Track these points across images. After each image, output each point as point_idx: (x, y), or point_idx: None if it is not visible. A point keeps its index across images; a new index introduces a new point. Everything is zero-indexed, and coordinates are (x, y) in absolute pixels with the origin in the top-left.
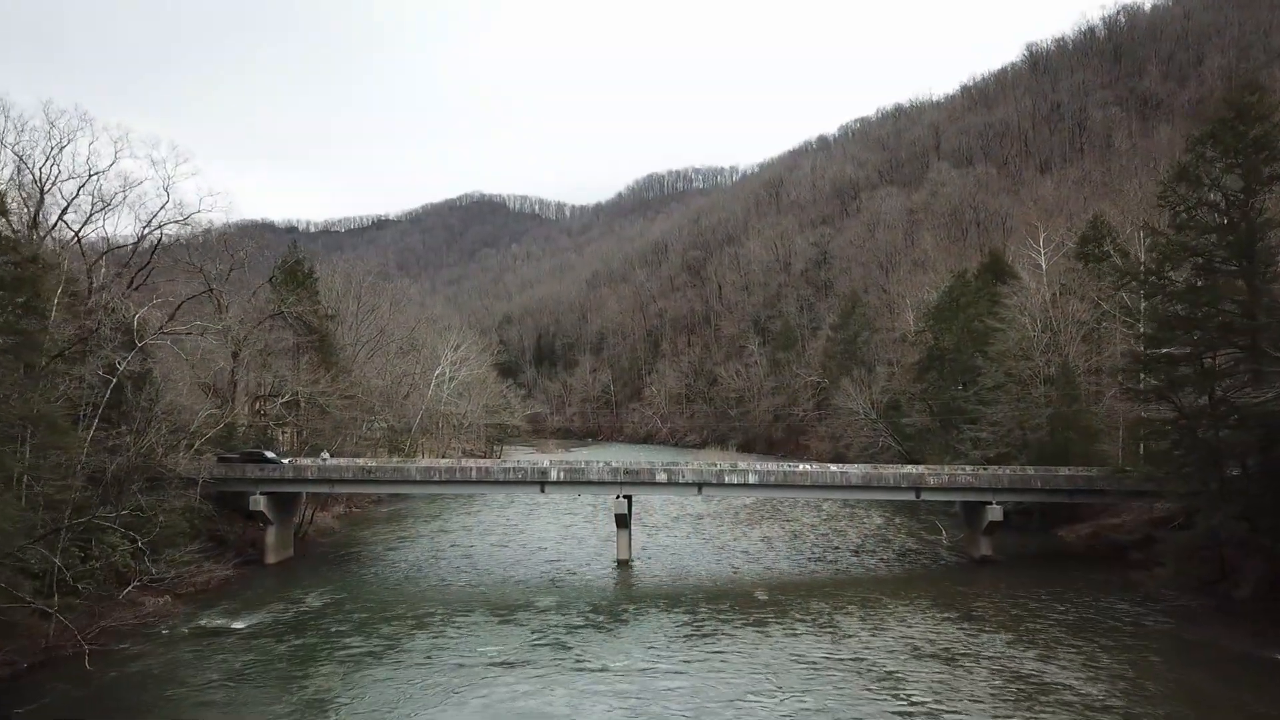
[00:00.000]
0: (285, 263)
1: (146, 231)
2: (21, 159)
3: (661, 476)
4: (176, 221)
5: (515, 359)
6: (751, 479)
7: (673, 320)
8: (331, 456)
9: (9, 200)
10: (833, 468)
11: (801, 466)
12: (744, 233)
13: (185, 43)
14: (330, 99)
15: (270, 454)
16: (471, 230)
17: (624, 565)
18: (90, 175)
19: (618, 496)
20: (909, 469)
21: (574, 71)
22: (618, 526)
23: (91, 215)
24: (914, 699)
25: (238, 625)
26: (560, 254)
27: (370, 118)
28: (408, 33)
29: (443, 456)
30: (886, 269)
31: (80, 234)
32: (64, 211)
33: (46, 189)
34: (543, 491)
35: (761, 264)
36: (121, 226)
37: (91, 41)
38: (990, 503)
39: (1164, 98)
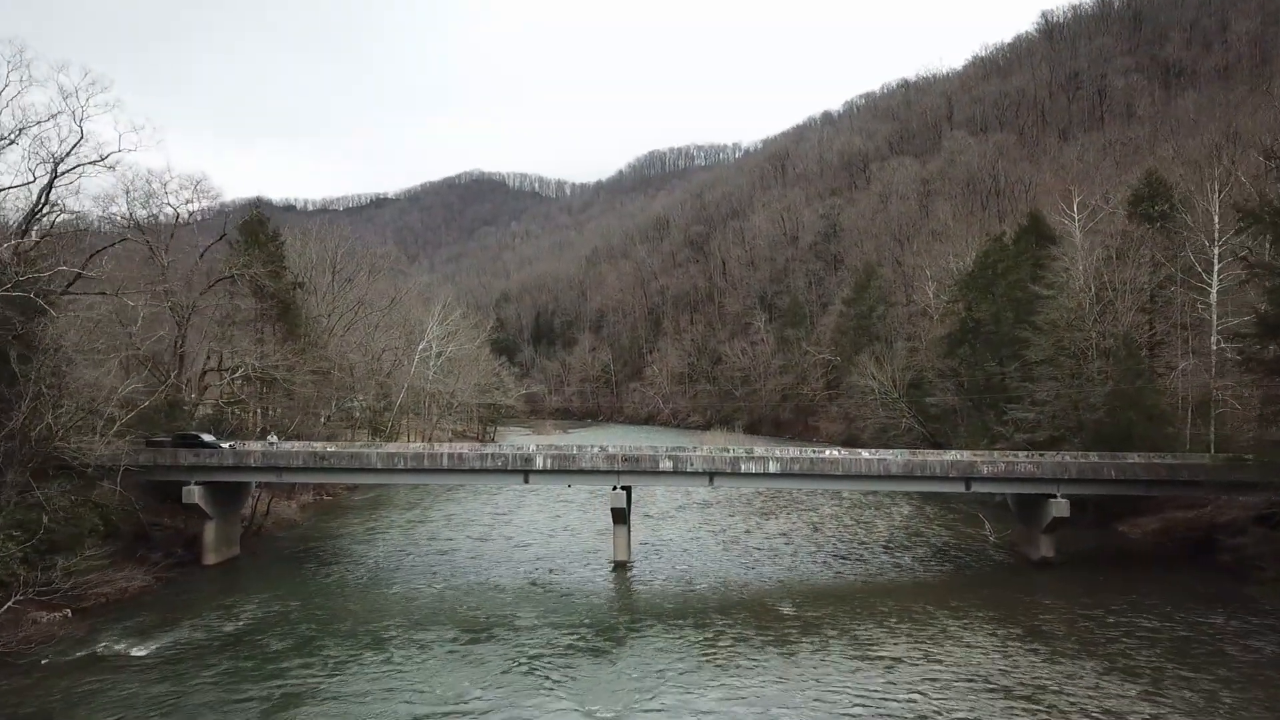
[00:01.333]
0: (246, 222)
1: (53, 172)
2: None
3: (666, 464)
4: (93, 161)
5: (513, 337)
6: (772, 467)
7: (675, 297)
8: (281, 439)
9: None
10: (865, 454)
11: (829, 452)
12: (749, 206)
13: (184, 17)
14: (328, 78)
15: (208, 437)
16: (471, 209)
17: (621, 567)
18: None
19: (615, 488)
20: (954, 455)
21: (574, 51)
22: (614, 522)
23: None
24: None
25: (142, 650)
26: (560, 232)
27: (370, 96)
28: (408, 11)
29: (429, 438)
30: (901, 241)
31: None
32: None
33: None
34: (526, 481)
35: (767, 238)
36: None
37: (83, 19)
38: (1055, 495)
39: (1187, 64)
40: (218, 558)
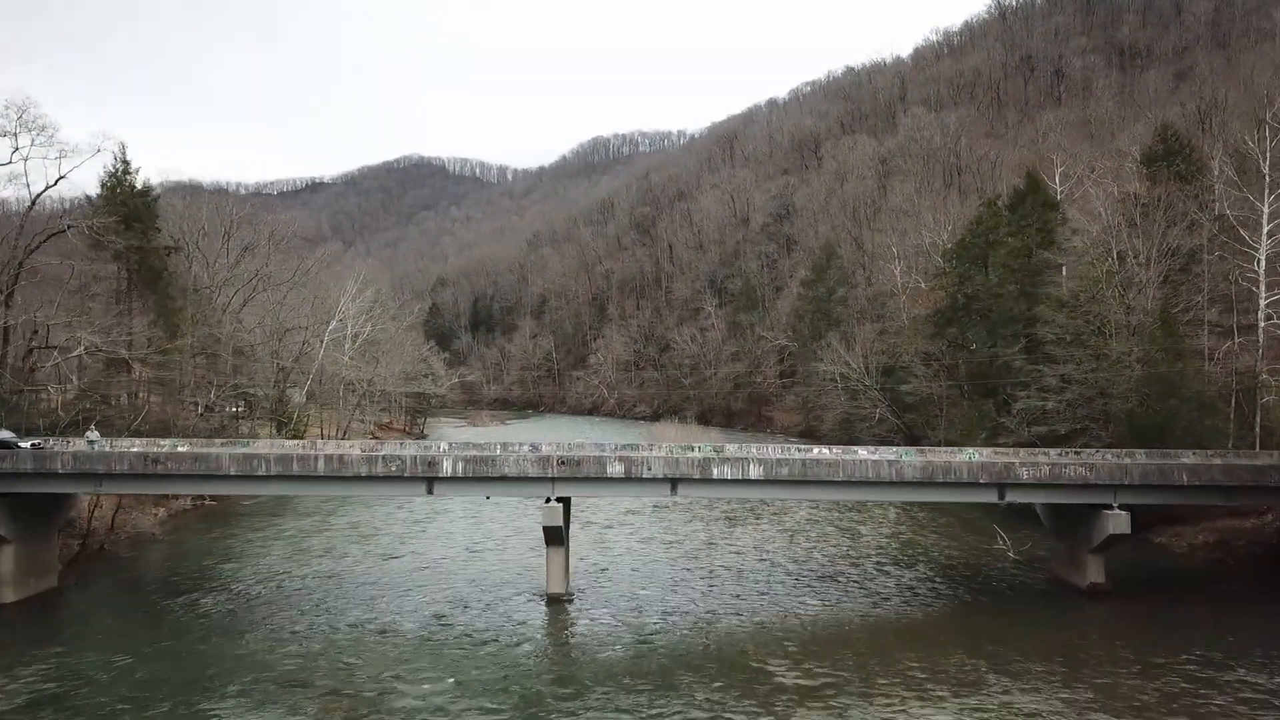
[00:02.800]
0: (109, 175)
1: None
2: None
3: (616, 468)
4: None
5: (449, 324)
6: (753, 472)
7: (620, 282)
8: (124, 436)
9: None
10: (863, 453)
11: (816, 451)
12: (696, 188)
13: None
14: (261, 59)
15: (4, 434)
16: (410, 193)
17: (557, 601)
18: None
19: (549, 500)
20: (971, 455)
21: (516, 36)
22: (548, 544)
23: None
24: None
25: None
26: (501, 216)
27: (305, 78)
28: None
29: (345, 431)
30: (860, 220)
31: None
32: None
33: None
34: (430, 492)
35: (716, 220)
36: None
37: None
38: (1111, 506)
39: (1144, 46)
40: (20, 593)
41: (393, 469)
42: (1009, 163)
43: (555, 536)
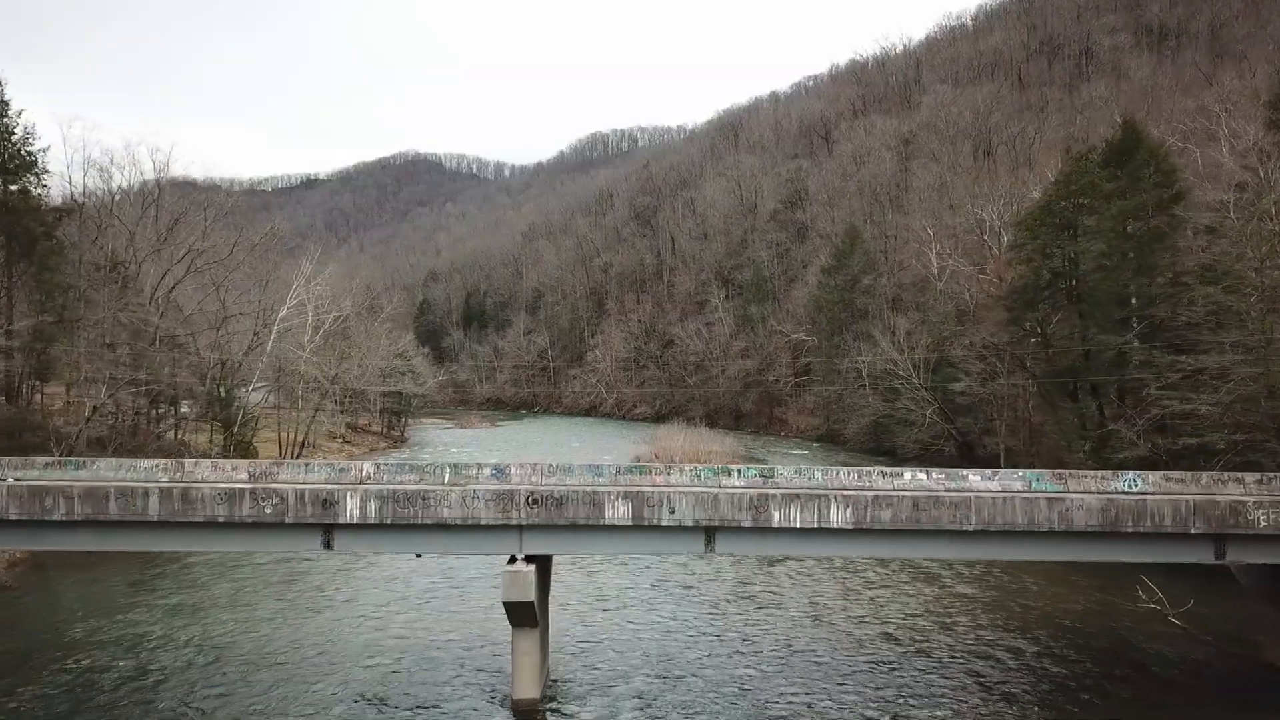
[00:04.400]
0: None
1: None
2: None
3: (619, 510)
4: None
5: (440, 320)
6: (836, 517)
7: (620, 275)
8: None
9: None
10: (973, 478)
11: (910, 476)
12: (700, 177)
13: None
14: (257, 53)
15: None
16: (405, 189)
17: (528, 715)
18: None
19: (514, 560)
20: (1135, 481)
21: (514, 31)
22: (514, 625)
23: None
24: None
25: None
26: (497, 211)
27: (300, 74)
28: None
29: (304, 439)
30: (883, 203)
31: None
32: None
33: None
34: (329, 547)
35: (722, 210)
36: None
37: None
38: None
39: (1174, 25)
40: None
41: (267, 511)
42: (1049, 139)
43: (525, 615)
